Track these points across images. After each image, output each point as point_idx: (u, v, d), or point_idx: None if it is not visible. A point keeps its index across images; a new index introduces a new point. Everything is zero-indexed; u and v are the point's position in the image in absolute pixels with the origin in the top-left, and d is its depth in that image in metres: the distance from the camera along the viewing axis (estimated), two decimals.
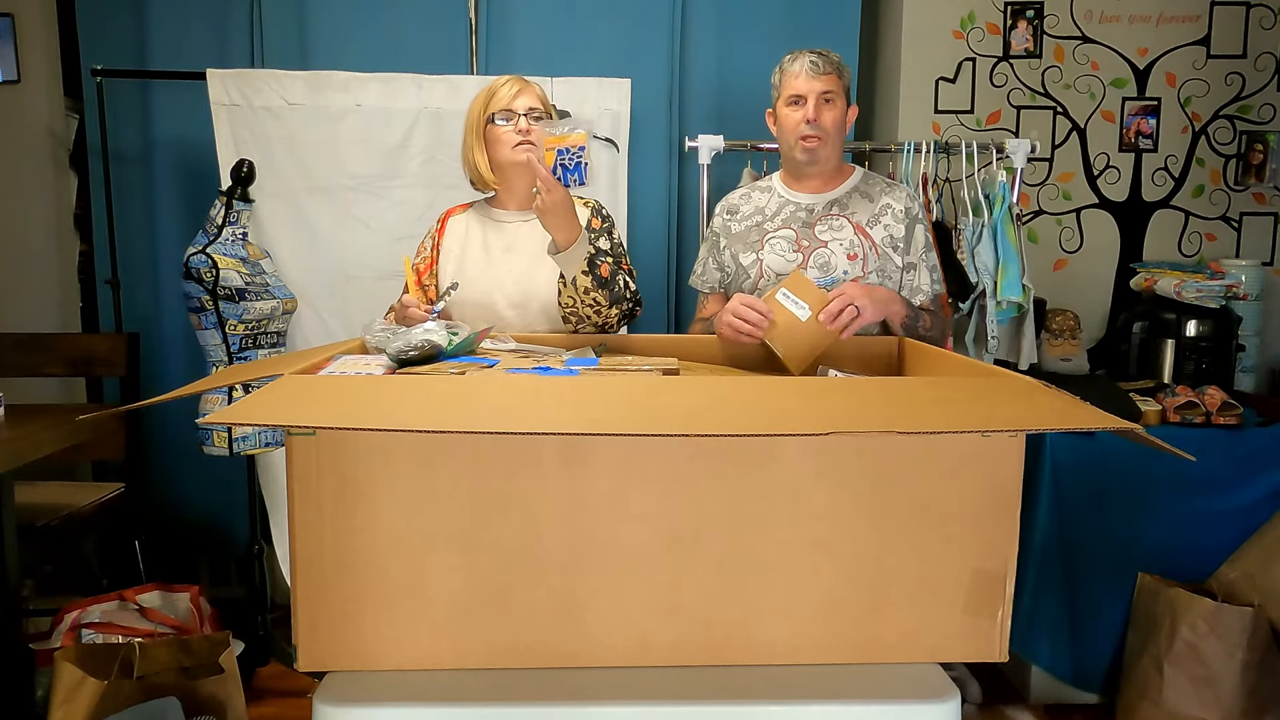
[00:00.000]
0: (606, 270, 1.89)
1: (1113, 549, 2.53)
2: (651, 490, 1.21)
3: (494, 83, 2.03)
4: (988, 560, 1.24)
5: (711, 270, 2.16)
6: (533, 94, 2.00)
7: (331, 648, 1.22)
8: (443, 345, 1.54)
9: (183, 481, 3.15)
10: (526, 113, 1.98)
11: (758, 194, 2.14)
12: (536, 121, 1.97)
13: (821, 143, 2.00)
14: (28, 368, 2.81)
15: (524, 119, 1.97)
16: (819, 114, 1.98)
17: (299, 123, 2.85)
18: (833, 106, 2.00)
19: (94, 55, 2.96)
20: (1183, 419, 2.57)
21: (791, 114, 2.01)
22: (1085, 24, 3.26)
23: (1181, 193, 3.34)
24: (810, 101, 1.97)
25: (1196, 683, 2.36)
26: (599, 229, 2.03)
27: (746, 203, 2.13)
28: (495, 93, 2.01)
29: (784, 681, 1.23)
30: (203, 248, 2.51)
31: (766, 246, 2.05)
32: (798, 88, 1.99)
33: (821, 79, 1.97)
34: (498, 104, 1.99)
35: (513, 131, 1.97)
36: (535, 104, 2.00)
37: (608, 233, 2.04)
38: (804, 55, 2.00)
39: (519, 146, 1.95)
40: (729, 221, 2.13)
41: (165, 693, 1.99)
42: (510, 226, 2.05)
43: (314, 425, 1.15)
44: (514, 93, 1.99)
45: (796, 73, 1.99)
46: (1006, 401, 1.25)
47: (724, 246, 2.12)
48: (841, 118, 2.03)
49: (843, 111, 2.03)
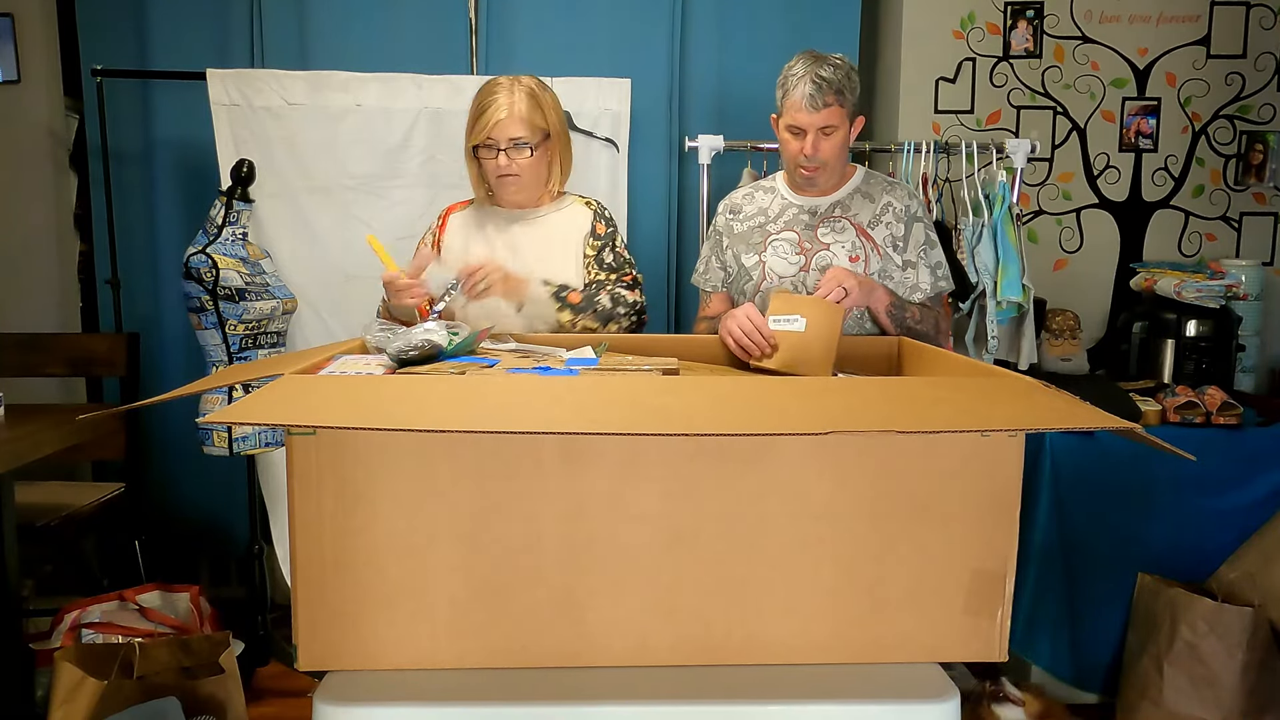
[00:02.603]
0: (578, 297, 1.95)
1: (1113, 549, 2.53)
2: (651, 490, 1.21)
3: (482, 98, 1.95)
4: (988, 560, 1.24)
5: (715, 269, 2.16)
6: (516, 119, 1.92)
7: (331, 648, 1.22)
8: (443, 345, 1.54)
9: (183, 481, 3.15)
10: (506, 146, 1.93)
11: (761, 194, 2.13)
12: (518, 150, 1.93)
13: (819, 172, 1.99)
14: (28, 368, 2.81)
15: (502, 155, 1.93)
16: (817, 148, 1.93)
17: (299, 123, 2.85)
18: (833, 137, 1.94)
19: (94, 55, 2.96)
20: (1183, 419, 2.56)
21: (791, 141, 1.97)
22: (1085, 24, 3.25)
23: (1181, 193, 3.33)
24: (809, 137, 1.93)
25: (1196, 683, 2.36)
26: (604, 236, 2.05)
27: (750, 203, 2.13)
28: (478, 115, 1.94)
29: (784, 681, 1.23)
30: (203, 248, 2.51)
31: (769, 249, 2.05)
32: (798, 120, 1.92)
33: (821, 114, 1.90)
34: (479, 134, 1.94)
35: (494, 164, 1.95)
36: (518, 132, 1.92)
37: (610, 242, 2.05)
38: (806, 80, 1.89)
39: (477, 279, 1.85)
40: (732, 221, 2.12)
41: (165, 693, 1.99)
42: (512, 226, 2.05)
43: (314, 425, 1.15)
44: (495, 122, 1.91)
45: (797, 103, 1.90)
46: (1006, 401, 1.25)
47: (726, 246, 2.12)
48: (842, 142, 1.97)
49: (844, 135, 1.96)
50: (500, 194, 2.03)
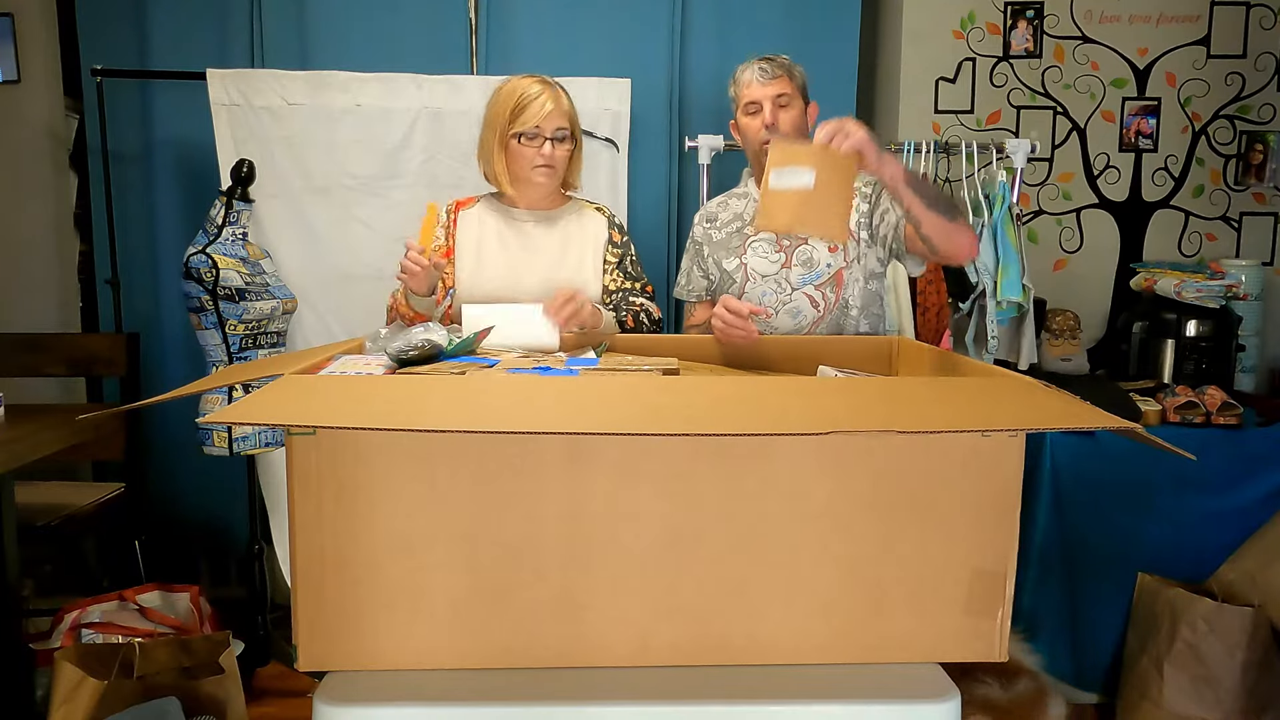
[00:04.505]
0: (631, 321, 2.01)
1: (1113, 549, 2.53)
2: (652, 490, 1.21)
3: (523, 89, 1.95)
4: (988, 560, 1.24)
5: (697, 279, 2.18)
6: (561, 111, 1.96)
7: (331, 648, 1.22)
8: (443, 345, 1.54)
9: (183, 481, 3.15)
10: (553, 135, 1.96)
11: (735, 201, 2.18)
12: (560, 142, 1.97)
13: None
14: (28, 368, 2.81)
15: (549, 144, 1.96)
16: (775, 117, 2.00)
17: (299, 123, 2.85)
18: (789, 108, 2.02)
19: (94, 55, 2.95)
20: (1183, 419, 2.56)
21: (751, 122, 2.04)
22: (1085, 24, 3.26)
23: (1181, 193, 3.34)
24: (766, 107, 2.01)
25: (1196, 683, 2.36)
26: (621, 244, 2.09)
27: (724, 210, 2.17)
28: (525, 106, 1.94)
29: (784, 681, 1.23)
30: (203, 248, 2.51)
31: (749, 250, 2.09)
32: (752, 95, 2.02)
33: (773, 83, 2.00)
34: (527, 122, 1.94)
35: (536, 154, 1.96)
36: (563, 123, 1.97)
37: (628, 251, 2.10)
38: (753, 63, 2.03)
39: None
40: (710, 229, 2.16)
41: (165, 693, 1.99)
42: (527, 226, 2.06)
43: (314, 425, 1.15)
44: (545, 112, 1.93)
45: (748, 81, 2.02)
46: (1006, 401, 1.25)
47: (707, 254, 2.15)
48: (800, 118, 2.04)
49: (800, 111, 2.05)
50: (527, 188, 2.03)
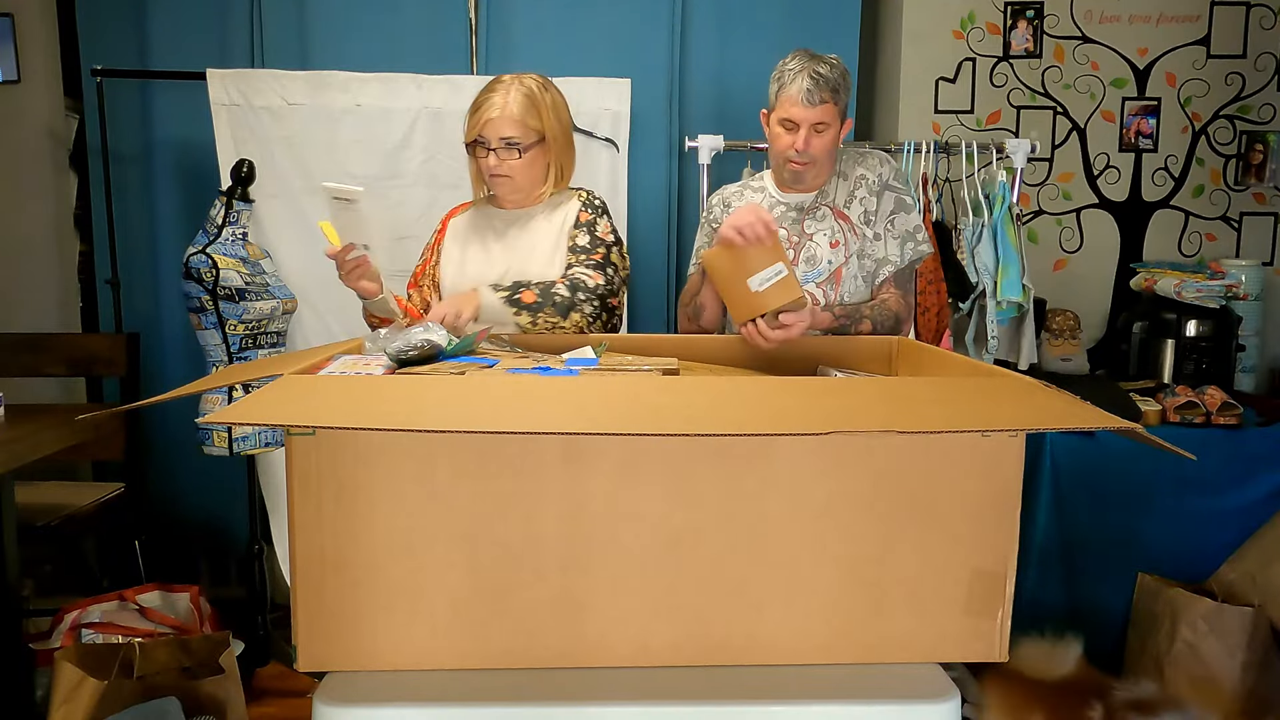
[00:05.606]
0: (532, 295, 1.84)
1: (1113, 549, 2.52)
2: (651, 490, 1.21)
3: (480, 96, 1.93)
4: (988, 560, 1.24)
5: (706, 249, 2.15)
6: (508, 119, 1.89)
7: (331, 648, 1.22)
8: (442, 345, 1.54)
9: (183, 481, 3.15)
10: (497, 145, 1.90)
11: (750, 192, 2.16)
12: (508, 150, 1.90)
13: (809, 168, 2.00)
14: (28, 368, 2.81)
15: (492, 155, 1.91)
16: (809, 144, 1.95)
17: (299, 123, 2.85)
18: (825, 134, 1.96)
19: (94, 55, 2.95)
20: (1183, 419, 2.56)
21: (783, 135, 1.98)
22: (1085, 24, 3.25)
23: (1181, 193, 3.33)
24: (802, 131, 1.94)
25: (1196, 683, 2.36)
26: (585, 223, 1.99)
27: (740, 200, 2.16)
28: (474, 112, 1.92)
29: (784, 681, 1.23)
30: (203, 248, 2.51)
31: None
32: (792, 114, 1.94)
33: (817, 109, 1.92)
34: (472, 130, 1.92)
35: (485, 163, 1.94)
36: (510, 131, 1.89)
37: (590, 226, 1.98)
38: (804, 75, 1.91)
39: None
40: (725, 214, 2.14)
41: (165, 693, 1.99)
42: (505, 225, 2.04)
43: (314, 425, 1.15)
44: (486, 121, 1.89)
45: (793, 97, 1.93)
46: (1006, 401, 1.25)
47: None
48: (833, 140, 1.99)
49: (835, 133, 1.98)
50: (495, 193, 2.03)
